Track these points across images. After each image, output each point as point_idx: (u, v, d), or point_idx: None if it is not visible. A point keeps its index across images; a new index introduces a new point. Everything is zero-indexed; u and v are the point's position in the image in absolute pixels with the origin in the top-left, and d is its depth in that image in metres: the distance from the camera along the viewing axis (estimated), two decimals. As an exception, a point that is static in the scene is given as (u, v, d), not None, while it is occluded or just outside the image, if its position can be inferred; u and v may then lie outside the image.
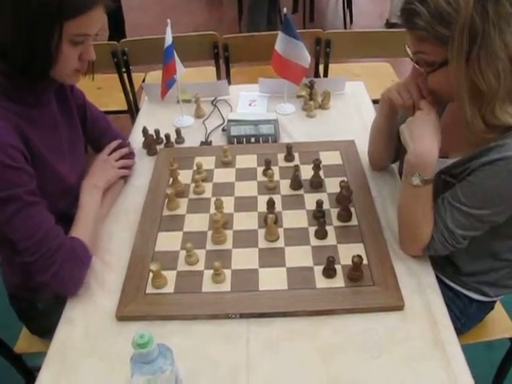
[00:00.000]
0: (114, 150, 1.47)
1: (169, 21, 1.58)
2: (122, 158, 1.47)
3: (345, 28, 4.54)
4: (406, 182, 1.14)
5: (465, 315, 1.34)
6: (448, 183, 1.15)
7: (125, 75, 2.52)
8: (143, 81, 2.74)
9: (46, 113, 1.20)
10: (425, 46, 1.02)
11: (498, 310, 1.48)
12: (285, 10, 1.65)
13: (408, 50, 1.09)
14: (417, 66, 1.09)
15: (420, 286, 1.15)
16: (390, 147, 1.40)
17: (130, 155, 1.52)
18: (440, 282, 1.19)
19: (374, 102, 1.86)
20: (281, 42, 1.64)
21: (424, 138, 1.09)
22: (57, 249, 1.10)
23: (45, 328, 1.38)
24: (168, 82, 1.64)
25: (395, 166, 1.50)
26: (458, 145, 1.14)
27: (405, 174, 1.14)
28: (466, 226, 1.11)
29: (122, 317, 1.10)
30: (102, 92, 2.72)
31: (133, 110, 2.61)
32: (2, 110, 1.07)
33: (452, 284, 1.32)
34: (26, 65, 1.05)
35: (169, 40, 1.58)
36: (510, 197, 1.06)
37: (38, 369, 1.04)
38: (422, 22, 0.97)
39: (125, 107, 2.61)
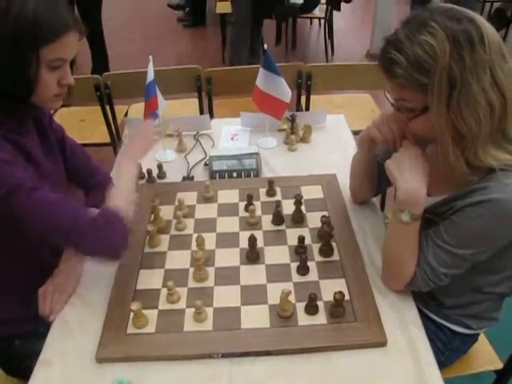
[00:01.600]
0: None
1: (151, 57, 1.59)
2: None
3: (326, 58, 4.62)
4: (395, 219, 1.14)
5: (448, 348, 1.34)
6: (431, 221, 1.16)
7: (107, 108, 2.52)
8: (126, 113, 2.75)
9: (28, 141, 1.20)
10: (405, 93, 1.03)
11: (482, 341, 1.48)
12: (265, 46, 1.68)
13: (388, 95, 1.10)
14: (398, 112, 1.10)
15: (403, 322, 1.15)
16: (372, 182, 1.41)
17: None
18: (422, 315, 1.19)
19: (355, 133, 1.88)
20: (261, 78, 1.66)
21: (413, 175, 1.10)
22: (91, 217, 1.13)
23: (21, 369, 1.35)
24: (148, 118, 1.64)
25: (376, 200, 1.51)
26: (440, 184, 1.14)
27: (394, 211, 1.14)
28: (448, 264, 1.11)
29: (103, 359, 1.08)
30: (84, 124, 2.73)
31: (115, 143, 2.60)
32: None
33: (435, 317, 1.32)
34: (5, 90, 1.08)
35: (151, 76, 1.59)
36: (493, 237, 1.08)
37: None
38: (401, 71, 0.99)
39: (107, 139, 2.61)
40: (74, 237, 1.12)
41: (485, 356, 1.47)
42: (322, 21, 4.73)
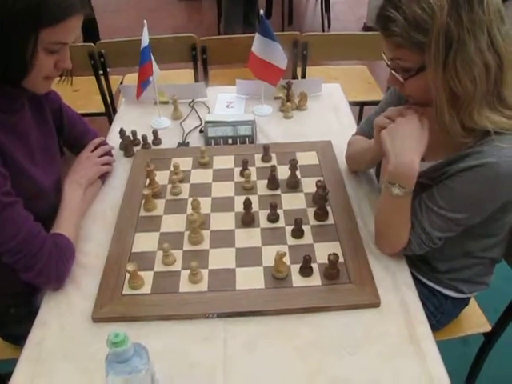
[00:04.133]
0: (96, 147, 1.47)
1: (145, 21, 1.58)
2: (105, 154, 1.48)
3: (323, 32, 4.57)
4: (386, 192, 1.13)
5: (440, 312, 1.36)
6: (425, 185, 1.16)
7: (102, 78, 2.50)
8: (121, 83, 2.73)
9: (18, 118, 1.18)
10: (401, 52, 1.02)
11: (472, 306, 1.51)
12: (261, 11, 1.67)
13: (384, 56, 1.10)
14: (394, 72, 1.09)
15: (396, 284, 1.16)
16: (373, 163, 1.43)
17: (110, 153, 1.52)
18: (415, 279, 1.20)
19: (351, 103, 1.88)
20: (258, 44, 1.65)
21: (405, 149, 1.07)
22: (40, 247, 1.10)
23: (17, 334, 1.35)
24: (143, 83, 1.63)
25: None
26: (434, 149, 1.13)
27: (385, 183, 1.13)
28: (442, 228, 1.12)
29: (98, 318, 1.09)
30: (78, 94, 2.70)
31: (110, 113, 2.59)
32: None
33: (427, 281, 1.34)
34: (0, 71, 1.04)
35: (145, 41, 1.57)
36: (487, 201, 1.08)
37: (9, 376, 1.02)
38: (398, 29, 0.98)
39: (102, 110, 2.60)
40: (26, 261, 1.09)
41: (474, 320, 1.51)
42: (319, -7, 4.68)
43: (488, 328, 1.49)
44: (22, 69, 1.04)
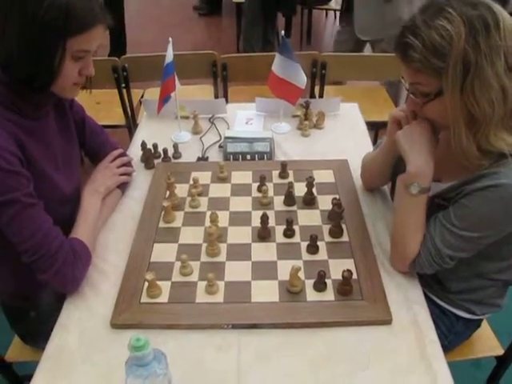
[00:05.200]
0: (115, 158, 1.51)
1: (170, 39, 1.63)
2: (123, 165, 1.51)
3: (341, 51, 4.62)
4: (404, 193, 1.18)
5: (452, 332, 1.37)
6: (441, 206, 1.19)
7: (124, 91, 2.56)
8: (141, 97, 2.79)
9: (42, 125, 1.23)
10: (420, 77, 1.06)
11: (485, 328, 1.51)
12: (282, 32, 1.71)
13: (403, 80, 1.13)
14: (413, 96, 1.12)
15: (407, 301, 1.18)
16: (386, 177, 1.45)
17: (129, 164, 1.56)
18: (427, 298, 1.22)
19: (368, 123, 1.91)
20: (278, 63, 1.69)
21: (422, 150, 1.15)
22: (57, 249, 1.14)
23: (36, 337, 1.39)
24: (164, 98, 1.68)
25: (386, 186, 1.54)
26: (451, 170, 1.18)
27: (404, 184, 1.18)
28: (453, 246, 1.14)
29: (117, 325, 1.12)
30: (100, 107, 2.76)
31: (131, 125, 2.65)
32: (2, 120, 1.10)
33: (439, 301, 1.35)
34: (28, 78, 1.09)
35: (169, 57, 1.62)
36: (500, 222, 1.10)
37: (29, 378, 1.05)
38: (417, 55, 1.02)
39: (123, 122, 2.65)
40: (43, 262, 1.13)
41: (486, 342, 1.50)
42: (338, 13, 4.72)
43: (500, 351, 1.48)
44: (50, 75, 1.10)
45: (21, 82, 1.10)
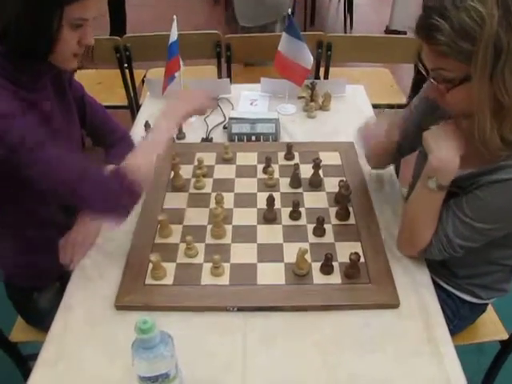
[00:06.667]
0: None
1: (175, 17, 1.60)
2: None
3: (345, 32, 4.57)
4: (422, 185, 1.14)
5: (457, 316, 1.36)
6: (453, 194, 1.16)
7: (126, 71, 2.53)
8: (144, 77, 2.76)
9: (42, 98, 1.20)
10: (445, 61, 0.99)
11: (490, 313, 1.51)
12: (289, 10, 1.68)
13: (420, 65, 1.07)
14: (434, 82, 1.06)
15: (415, 285, 1.17)
16: (391, 156, 1.43)
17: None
18: (434, 283, 1.21)
19: (373, 106, 1.89)
20: (284, 43, 1.66)
21: (449, 146, 1.09)
22: (101, 176, 1.12)
23: (40, 318, 1.39)
24: (169, 78, 1.65)
25: (393, 171, 1.52)
26: (467, 157, 1.12)
27: (423, 176, 1.14)
28: (465, 236, 1.13)
29: (121, 306, 1.12)
30: (102, 87, 2.73)
31: (133, 106, 2.62)
32: (1, 88, 1.08)
33: (445, 285, 1.34)
34: (26, 47, 1.07)
35: (174, 36, 1.60)
36: None
37: (33, 357, 1.05)
38: (444, 38, 0.95)
39: (125, 103, 2.62)
40: (80, 190, 1.10)
41: (491, 327, 1.50)
42: (342, -6, 4.68)
43: (505, 336, 1.48)
44: (48, 43, 1.07)
45: (19, 51, 1.08)
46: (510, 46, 0.92)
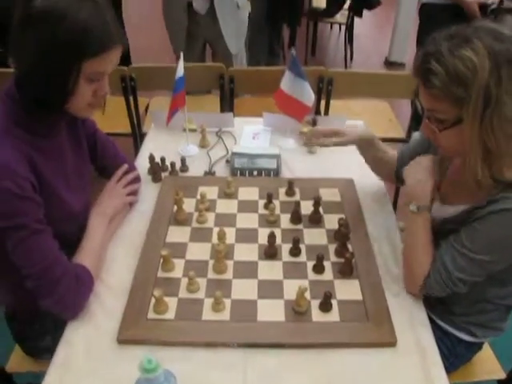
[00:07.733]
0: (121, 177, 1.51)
1: (182, 53, 1.64)
2: (129, 183, 1.51)
3: (345, 64, 4.66)
4: (407, 212, 1.25)
5: (453, 354, 1.38)
6: (453, 231, 1.19)
7: (131, 99, 2.57)
8: (147, 106, 2.81)
9: (55, 143, 1.23)
10: (439, 104, 1.06)
11: (487, 351, 1.52)
12: (293, 50, 1.72)
13: (418, 103, 1.15)
14: (428, 121, 1.13)
15: (412, 323, 1.19)
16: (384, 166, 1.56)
17: (136, 180, 1.56)
18: (430, 320, 1.23)
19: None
20: (286, 80, 1.71)
21: (417, 173, 1.24)
22: (61, 275, 1.14)
23: (39, 349, 1.40)
24: (173, 111, 1.69)
25: (392, 210, 1.55)
26: (462, 193, 1.19)
27: (404, 204, 1.27)
28: (464, 269, 1.15)
29: (124, 340, 1.13)
30: (106, 115, 2.75)
31: (136, 134, 2.66)
32: (15, 139, 1.10)
33: (440, 322, 1.36)
34: (41, 98, 1.09)
35: (180, 71, 1.64)
36: (511, 246, 1.12)
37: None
38: (438, 82, 1.02)
39: (128, 130, 2.66)
40: (46, 288, 1.13)
41: (488, 365, 1.51)
42: (343, 26, 4.77)
43: (502, 375, 1.48)
44: (63, 96, 1.09)
45: (34, 101, 1.10)
46: (498, 96, 0.98)
